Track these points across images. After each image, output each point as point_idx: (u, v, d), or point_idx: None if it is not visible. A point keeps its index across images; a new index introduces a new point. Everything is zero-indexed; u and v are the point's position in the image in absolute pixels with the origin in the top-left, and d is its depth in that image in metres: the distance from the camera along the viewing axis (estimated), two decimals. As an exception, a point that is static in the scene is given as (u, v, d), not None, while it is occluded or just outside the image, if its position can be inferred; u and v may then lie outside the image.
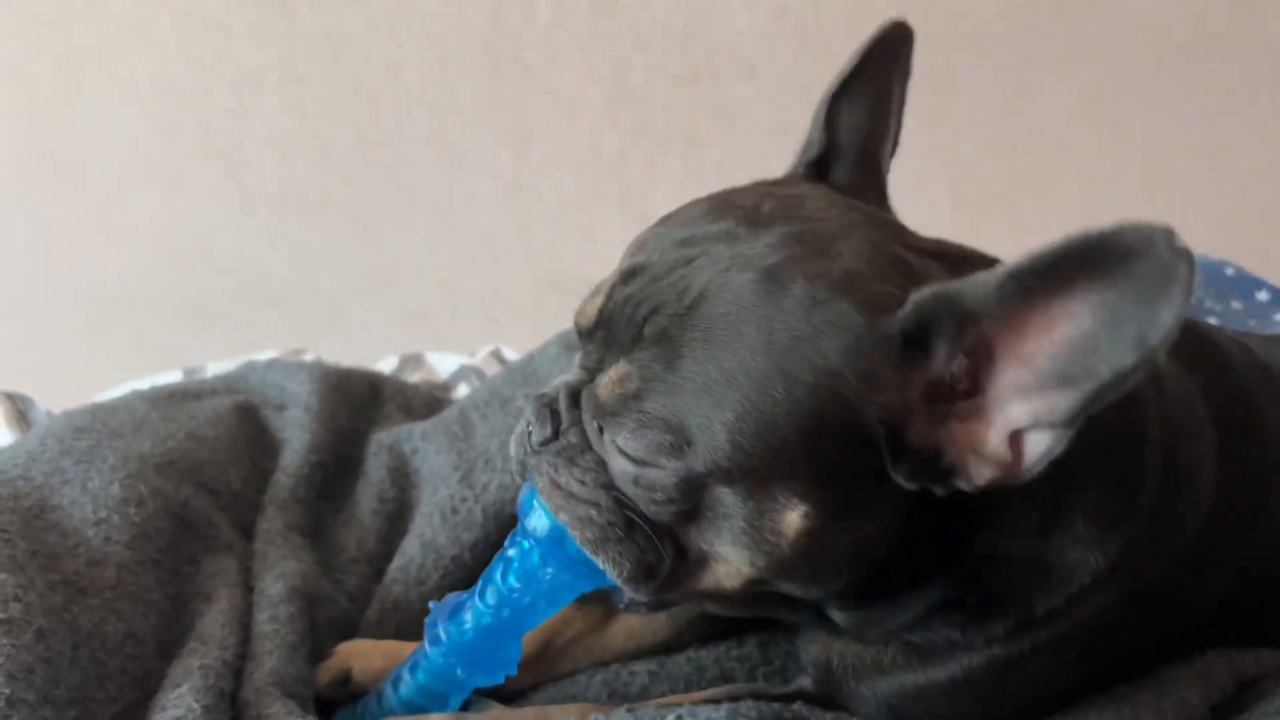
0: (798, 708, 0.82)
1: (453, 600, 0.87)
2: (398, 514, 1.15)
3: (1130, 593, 0.81)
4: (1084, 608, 0.79)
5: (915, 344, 0.67)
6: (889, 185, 0.90)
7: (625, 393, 0.70)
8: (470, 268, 2.23)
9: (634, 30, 2.10)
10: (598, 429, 0.74)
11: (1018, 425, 0.65)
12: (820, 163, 0.87)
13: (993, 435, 0.66)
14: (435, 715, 0.88)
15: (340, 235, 2.18)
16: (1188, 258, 0.55)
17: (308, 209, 2.15)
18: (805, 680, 0.90)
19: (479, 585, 0.85)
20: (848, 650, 0.86)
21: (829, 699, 0.88)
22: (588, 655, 1.02)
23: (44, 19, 1.96)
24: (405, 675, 0.88)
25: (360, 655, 0.96)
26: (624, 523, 0.73)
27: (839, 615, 0.83)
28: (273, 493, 1.13)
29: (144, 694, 0.86)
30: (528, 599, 0.82)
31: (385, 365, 1.55)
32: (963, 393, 0.67)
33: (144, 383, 1.38)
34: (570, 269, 2.20)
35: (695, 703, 0.84)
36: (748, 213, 0.74)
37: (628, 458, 0.72)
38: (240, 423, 1.20)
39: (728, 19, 2.11)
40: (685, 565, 0.75)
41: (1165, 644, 0.87)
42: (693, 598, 0.80)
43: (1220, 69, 2.22)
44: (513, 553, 0.82)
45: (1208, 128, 2.26)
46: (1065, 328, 0.61)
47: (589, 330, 0.77)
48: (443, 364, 1.56)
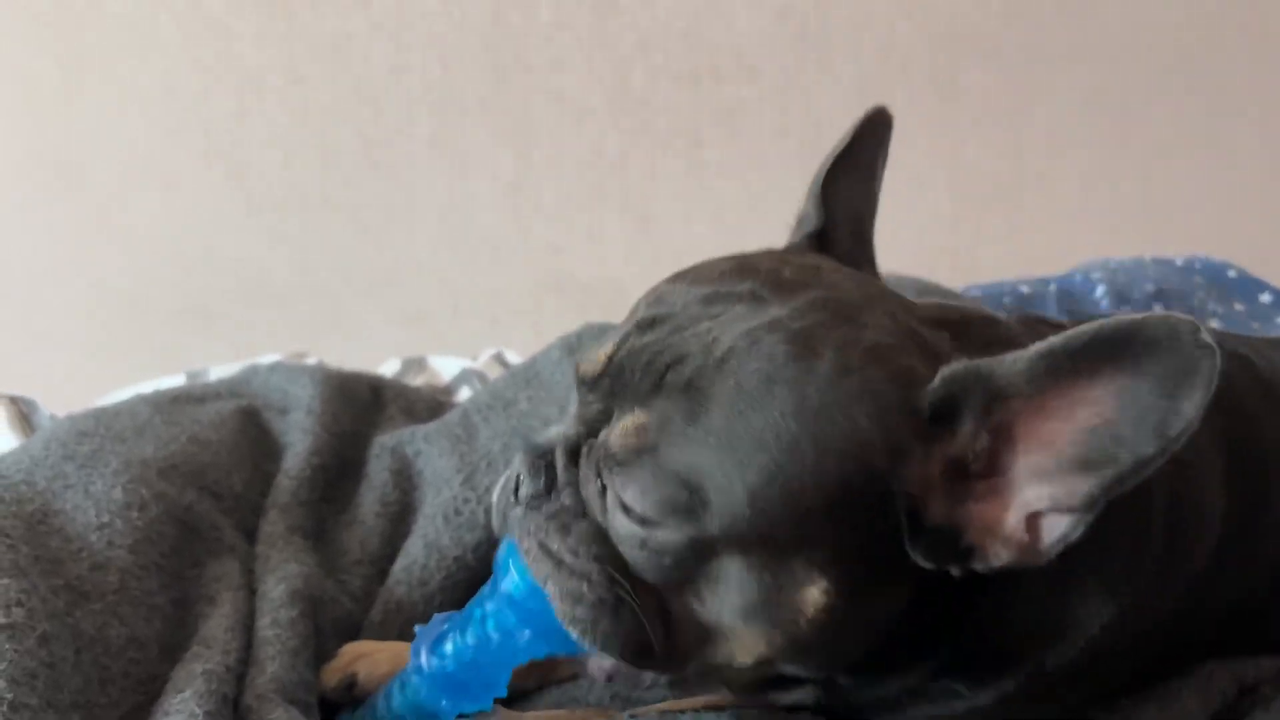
0: (803, 718, 0.82)
1: (437, 625, 0.84)
2: (400, 516, 1.15)
3: (1137, 630, 0.80)
4: (1091, 649, 0.78)
5: (942, 419, 0.66)
6: (891, 187, 0.91)
7: (641, 443, 0.67)
8: (472, 268, 2.23)
9: (636, 31, 2.10)
10: (600, 487, 0.71)
11: (1036, 508, 0.65)
12: (818, 236, 0.87)
13: (1010, 516, 0.66)
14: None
15: (342, 236, 2.18)
16: (1211, 352, 0.57)
17: (309, 210, 2.15)
18: (808, 696, 0.89)
19: (461, 617, 0.82)
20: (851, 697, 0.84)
21: (833, 712, 0.87)
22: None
23: (45, 20, 1.96)
24: (395, 691, 0.87)
25: (365, 659, 0.96)
26: (614, 599, 0.69)
27: (845, 679, 0.80)
28: (275, 495, 1.12)
29: (147, 698, 0.86)
30: (505, 653, 0.79)
31: (387, 368, 1.56)
32: (981, 473, 0.67)
33: (147, 385, 1.38)
34: (572, 270, 2.20)
35: (699, 709, 0.84)
36: (770, 275, 0.73)
37: (633, 516, 0.68)
38: (243, 426, 1.20)
39: (730, 20, 2.11)
40: (685, 642, 0.72)
41: (1170, 664, 0.87)
42: (692, 675, 0.78)
43: (1223, 71, 2.22)
44: (490, 606, 0.79)
45: (1210, 129, 2.26)
46: (1088, 413, 0.61)
47: (594, 379, 0.73)
48: (445, 367, 1.56)
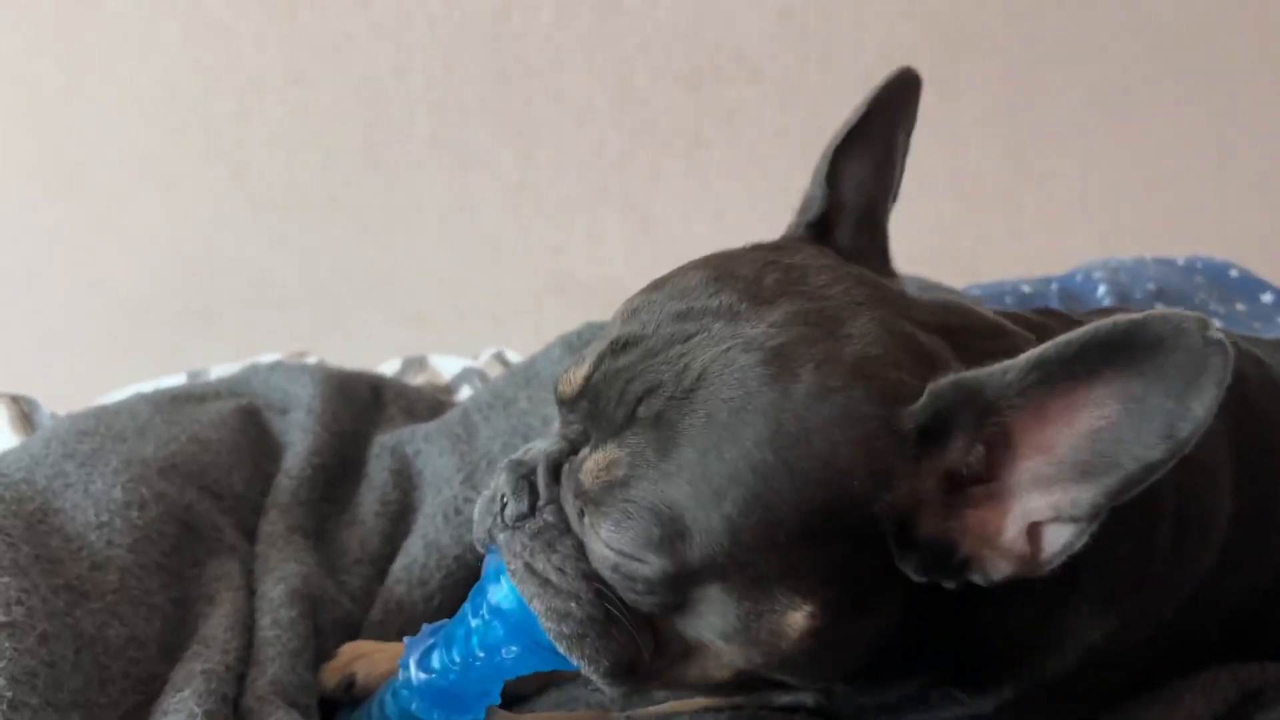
0: (800, 719, 0.81)
1: (425, 637, 0.83)
2: (400, 515, 1.15)
3: (1140, 635, 0.78)
4: (1094, 656, 0.76)
5: (931, 436, 0.63)
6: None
7: (612, 480, 0.65)
8: (473, 269, 2.24)
9: (638, 32, 2.10)
10: (579, 512, 0.69)
11: (1036, 518, 0.62)
12: (821, 222, 0.81)
13: (1009, 526, 0.63)
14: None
15: (343, 237, 2.18)
16: (1222, 348, 0.53)
17: (311, 210, 2.15)
18: (808, 698, 0.88)
19: (447, 634, 0.81)
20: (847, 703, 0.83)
21: (831, 714, 0.87)
22: None
23: (47, 22, 1.96)
24: (388, 697, 0.86)
25: (364, 659, 0.96)
26: (603, 615, 0.68)
27: (841, 688, 0.79)
28: (275, 495, 1.13)
29: (147, 697, 0.86)
30: (490, 670, 0.78)
31: (388, 368, 1.56)
32: (980, 481, 0.64)
33: (148, 385, 1.38)
34: (573, 270, 2.20)
35: (697, 710, 0.84)
36: (749, 285, 0.69)
37: (610, 548, 0.66)
38: (243, 426, 1.20)
39: (732, 21, 2.11)
40: (668, 656, 0.71)
41: (1172, 665, 0.86)
42: (674, 687, 0.77)
43: (1224, 70, 2.21)
44: (475, 623, 0.78)
45: (1212, 129, 2.26)
46: (1089, 418, 0.58)
47: (572, 400, 0.72)
48: (445, 366, 1.56)
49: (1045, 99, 2.20)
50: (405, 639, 0.85)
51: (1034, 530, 0.62)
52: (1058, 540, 0.62)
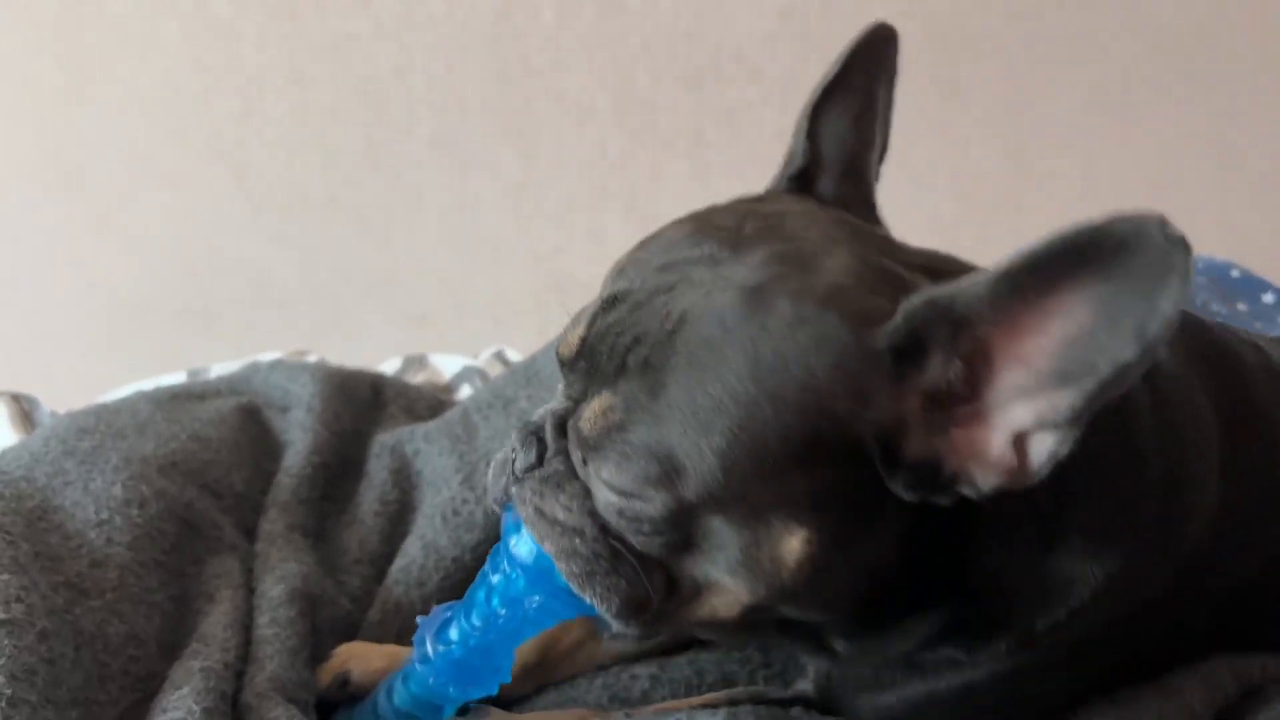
0: (796, 713, 0.82)
1: (440, 614, 0.85)
2: (399, 515, 1.15)
3: (1131, 606, 0.79)
4: (1085, 622, 0.77)
5: (909, 355, 0.65)
6: (894, 188, 0.88)
7: (609, 424, 0.68)
8: (475, 270, 2.24)
9: (639, 32, 2.10)
10: (582, 460, 0.72)
11: (1021, 428, 0.64)
12: (804, 175, 0.84)
13: (996, 439, 0.65)
14: (432, 724, 0.88)
15: (345, 237, 2.19)
16: (1183, 245, 0.54)
17: (313, 211, 2.15)
18: (806, 684, 0.89)
19: (464, 603, 0.83)
20: (848, 666, 0.84)
21: (829, 704, 0.87)
22: (588, 659, 1.01)
23: (48, 22, 1.96)
24: (398, 685, 0.87)
25: (359, 657, 0.96)
26: (610, 553, 0.71)
27: (840, 644, 0.81)
28: (275, 494, 1.13)
29: (146, 695, 0.86)
30: (513, 624, 0.80)
31: (388, 366, 1.56)
32: (962, 398, 0.65)
33: (149, 384, 1.38)
34: (575, 271, 2.20)
35: (694, 707, 0.84)
36: (729, 234, 0.72)
37: (613, 490, 0.69)
38: (243, 424, 1.20)
39: (733, 21, 2.11)
40: (678, 596, 0.73)
41: (1166, 651, 0.86)
42: (686, 628, 0.79)
43: (1226, 70, 2.21)
44: (496, 579, 0.80)
45: (1213, 129, 2.25)
46: (1062, 325, 0.60)
47: (571, 360, 0.74)
48: (446, 365, 1.56)
49: (1045, 99, 2.20)
50: (418, 618, 0.87)
51: (1020, 441, 0.64)
52: (1043, 449, 0.63)
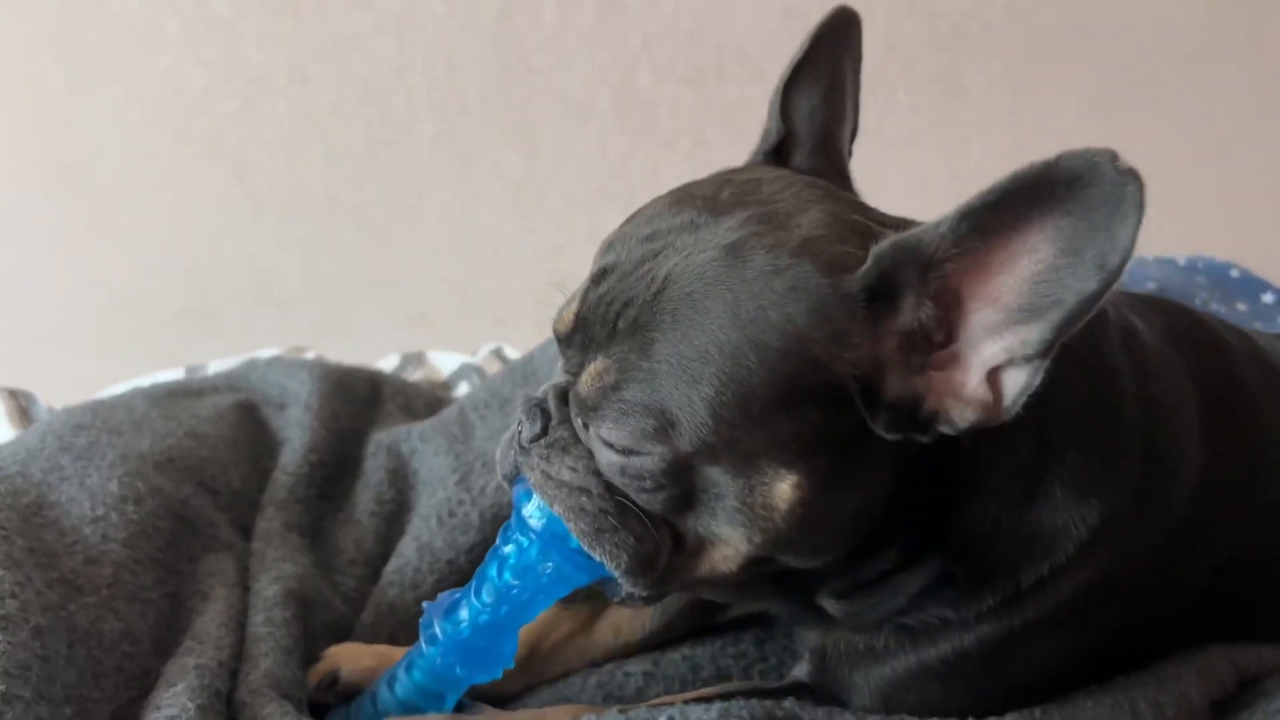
0: (789, 705, 0.82)
1: (447, 599, 0.87)
2: (395, 515, 1.15)
3: (1116, 570, 0.81)
4: (1069, 582, 0.80)
5: (881, 297, 0.68)
6: (894, 188, 0.90)
7: (604, 385, 0.72)
8: (476, 269, 2.24)
9: (641, 32, 2.10)
10: (583, 424, 0.75)
11: (993, 364, 0.67)
12: (779, 151, 0.89)
13: (971, 378, 0.68)
14: (432, 716, 0.88)
15: (346, 236, 2.19)
16: (1135, 176, 0.58)
17: (314, 210, 2.15)
18: (801, 670, 0.90)
19: (474, 583, 0.85)
20: (843, 638, 0.86)
21: (824, 691, 0.88)
22: (578, 655, 1.02)
23: (49, 21, 1.96)
24: (401, 674, 0.88)
25: (348, 657, 0.96)
26: (616, 509, 0.74)
27: (832, 605, 0.84)
28: (272, 492, 1.12)
29: (140, 692, 0.86)
30: (526, 595, 0.82)
31: (386, 363, 1.55)
32: (938, 343, 0.69)
33: (147, 382, 1.38)
34: (576, 270, 2.19)
35: (687, 702, 0.84)
36: (708, 201, 0.76)
37: (613, 448, 0.73)
38: (241, 421, 1.20)
39: (735, 20, 2.11)
40: (683, 553, 0.76)
41: (1156, 632, 0.87)
42: (691, 586, 0.81)
43: (1227, 72, 2.21)
44: (509, 549, 0.82)
45: (1214, 130, 2.25)
46: (1026, 262, 0.63)
47: (568, 336, 0.78)
48: (444, 362, 1.56)
49: (1045, 99, 2.20)
50: (425, 603, 0.88)
51: (994, 378, 0.68)
52: (1016, 383, 0.67)
